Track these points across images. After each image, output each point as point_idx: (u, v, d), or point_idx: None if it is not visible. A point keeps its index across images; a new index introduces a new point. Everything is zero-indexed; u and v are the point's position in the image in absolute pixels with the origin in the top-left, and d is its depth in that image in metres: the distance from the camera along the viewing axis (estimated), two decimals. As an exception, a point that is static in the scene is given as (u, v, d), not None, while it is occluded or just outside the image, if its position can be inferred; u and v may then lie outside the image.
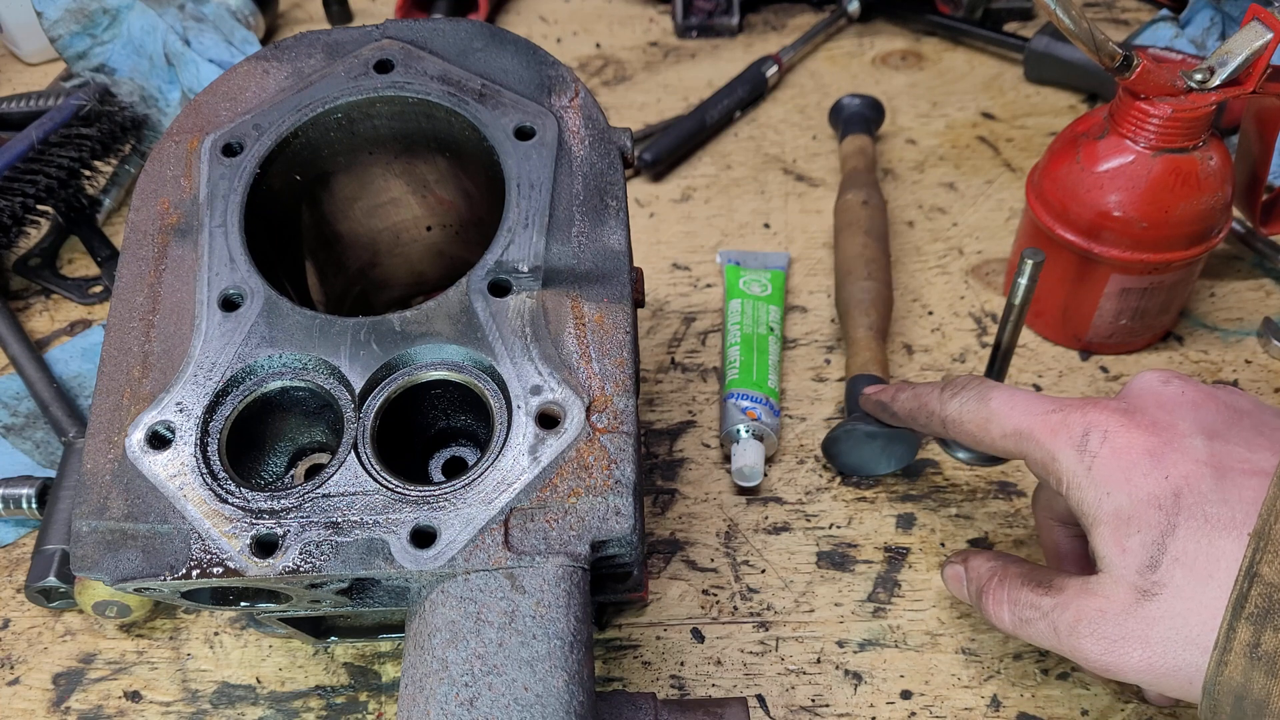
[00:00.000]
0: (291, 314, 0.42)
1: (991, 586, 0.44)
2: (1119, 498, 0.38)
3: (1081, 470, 0.39)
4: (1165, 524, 0.37)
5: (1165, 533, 0.37)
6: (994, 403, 0.44)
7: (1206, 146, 0.55)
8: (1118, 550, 0.38)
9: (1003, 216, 0.75)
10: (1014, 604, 0.42)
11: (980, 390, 0.45)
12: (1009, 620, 0.42)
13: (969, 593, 0.46)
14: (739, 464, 0.57)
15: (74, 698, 0.52)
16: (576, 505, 0.38)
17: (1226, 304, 0.67)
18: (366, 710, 0.51)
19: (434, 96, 0.48)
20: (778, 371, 0.63)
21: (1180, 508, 0.37)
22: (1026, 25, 0.92)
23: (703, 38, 0.95)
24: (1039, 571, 0.42)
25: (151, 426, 0.40)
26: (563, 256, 0.43)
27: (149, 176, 0.47)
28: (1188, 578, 0.36)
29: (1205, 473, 0.37)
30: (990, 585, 0.44)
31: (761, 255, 0.71)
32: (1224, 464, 0.37)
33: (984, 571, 0.45)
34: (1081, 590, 0.39)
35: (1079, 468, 0.39)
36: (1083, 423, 0.40)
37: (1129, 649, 0.37)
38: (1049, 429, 0.41)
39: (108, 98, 0.78)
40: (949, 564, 0.48)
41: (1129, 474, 0.38)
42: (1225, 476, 0.37)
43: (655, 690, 0.50)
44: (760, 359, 0.62)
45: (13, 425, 0.64)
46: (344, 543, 0.37)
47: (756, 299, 0.66)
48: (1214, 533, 0.36)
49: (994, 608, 0.43)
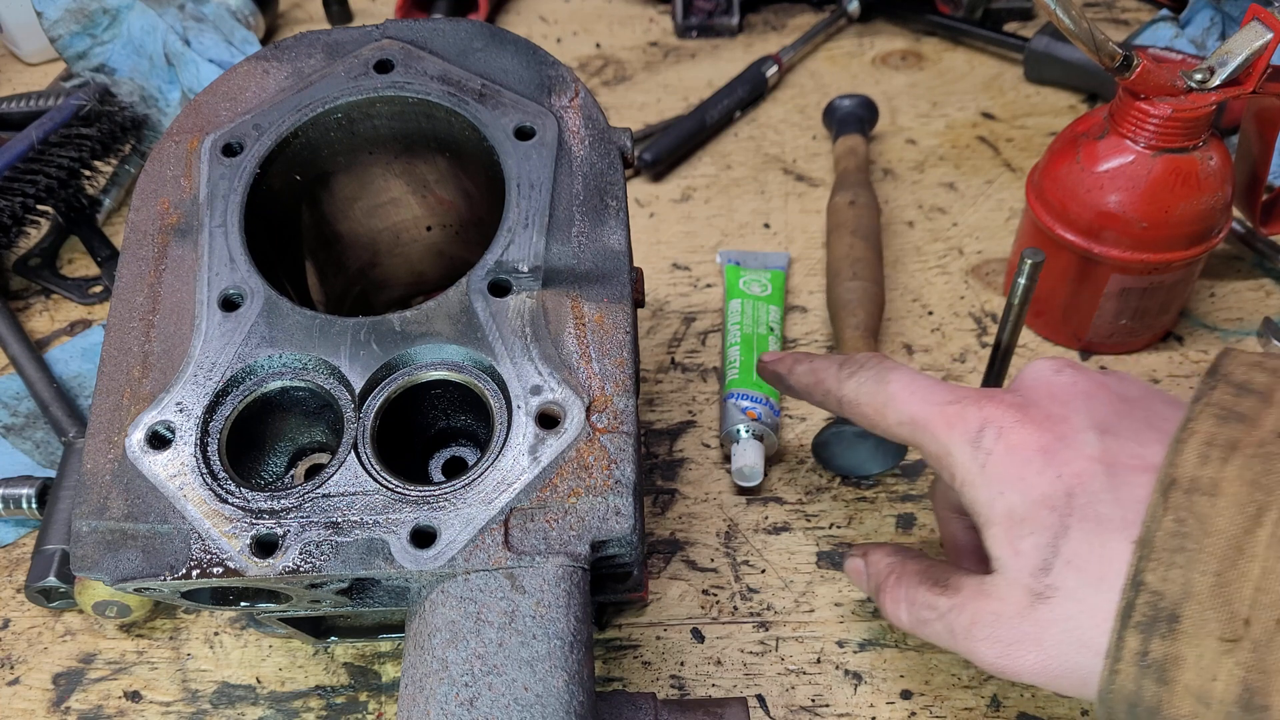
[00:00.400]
0: (291, 314, 0.42)
1: (889, 584, 0.43)
2: (1012, 498, 0.37)
3: (975, 468, 0.39)
4: (1058, 525, 0.36)
5: (1058, 535, 0.36)
6: (892, 386, 0.43)
7: (1206, 146, 0.55)
8: (1011, 552, 0.37)
9: (1003, 216, 0.75)
10: (911, 603, 0.41)
11: (879, 371, 0.44)
12: (906, 619, 0.42)
13: (869, 588, 0.46)
14: (739, 464, 0.56)
15: (74, 698, 0.52)
16: (576, 505, 0.38)
17: (1226, 304, 0.67)
18: (366, 710, 0.51)
19: (434, 96, 0.48)
20: None
21: (1073, 508, 0.36)
22: (1026, 25, 0.92)
23: (703, 38, 0.95)
24: (936, 569, 0.42)
25: (151, 426, 0.40)
26: (563, 256, 0.43)
27: (149, 176, 0.47)
28: (1080, 581, 0.36)
29: (1097, 470, 0.37)
30: (888, 583, 0.43)
31: (761, 255, 0.71)
32: (1116, 461, 0.37)
33: (883, 568, 0.44)
34: (977, 592, 0.38)
35: (973, 465, 0.39)
36: (979, 417, 0.39)
37: (1023, 652, 0.37)
38: (945, 421, 0.40)
39: (108, 98, 0.78)
40: (850, 557, 0.48)
41: (1022, 473, 0.38)
42: (1117, 474, 0.36)
43: (655, 690, 0.50)
44: None
45: (13, 425, 0.64)
46: (344, 543, 0.38)
47: (757, 299, 0.66)
48: (1105, 534, 0.35)
49: (891, 606, 0.43)
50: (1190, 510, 0.34)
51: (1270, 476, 0.33)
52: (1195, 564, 0.33)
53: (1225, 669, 0.32)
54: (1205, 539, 0.33)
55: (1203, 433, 0.35)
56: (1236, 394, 0.36)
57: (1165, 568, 0.33)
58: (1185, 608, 0.33)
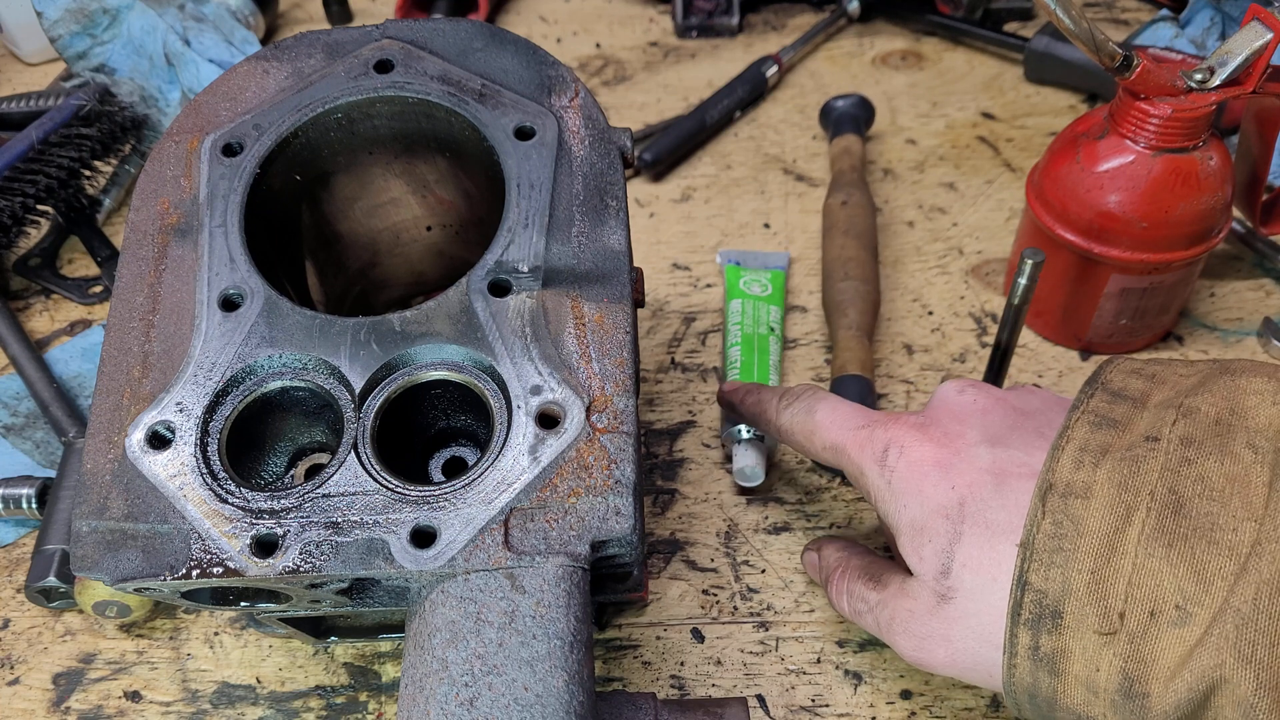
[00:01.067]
0: (291, 314, 0.42)
1: (835, 576, 0.47)
2: (913, 509, 0.41)
3: (883, 484, 0.42)
4: (952, 532, 0.39)
5: (953, 540, 0.39)
6: (818, 415, 0.46)
7: (1206, 146, 0.55)
8: (916, 558, 0.40)
9: (1003, 216, 0.74)
10: (850, 595, 0.45)
11: (809, 402, 0.47)
12: (847, 610, 0.46)
13: (820, 579, 0.50)
14: (740, 465, 0.56)
15: (74, 698, 0.52)
16: (576, 505, 0.38)
17: (1226, 304, 0.67)
18: (366, 710, 0.51)
19: (434, 96, 0.48)
20: (779, 371, 0.63)
21: (964, 516, 0.39)
22: (1026, 25, 0.92)
23: (703, 38, 0.95)
24: (875, 565, 0.45)
25: (151, 426, 0.40)
26: (563, 256, 0.43)
27: (149, 176, 0.47)
28: (976, 581, 0.38)
29: (987, 480, 0.39)
30: (835, 575, 0.47)
31: (761, 255, 0.71)
32: (1004, 470, 0.39)
33: (832, 560, 0.48)
34: (899, 590, 0.42)
35: (881, 482, 0.42)
36: (884, 438, 0.43)
37: (934, 647, 0.40)
38: (858, 444, 0.44)
39: (108, 98, 0.78)
40: (808, 549, 0.52)
41: (921, 486, 0.41)
42: (1004, 482, 0.39)
43: (655, 690, 0.50)
44: (761, 359, 0.62)
45: (13, 425, 0.64)
46: (344, 543, 0.37)
47: (757, 299, 0.66)
48: (995, 539, 0.38)
49: (836, 597, 0.47)
50: (1066, 513, 0.36)
51: (1137, 478, 0.36)
52: (1072, 563, 0.35)
53: (1106, 660, 0.35)
54: (1080, 539, 0.36)
55: (1078, 439, 0.38)
56: (1111, 401, 0.39)
57: (1046, 567, 0.36)
58: (1066, 604, 0.35)
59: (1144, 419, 0.38)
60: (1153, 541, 0.34)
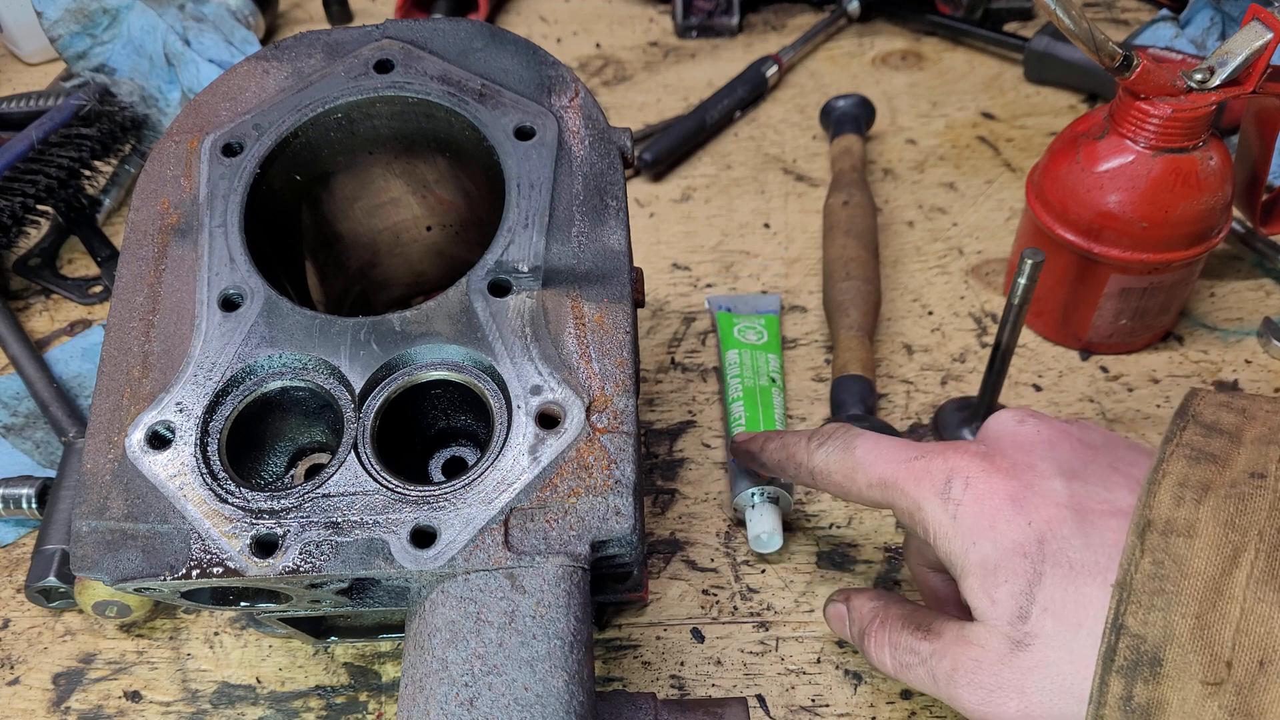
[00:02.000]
0: (291, 314, 0.42)
1: (873, 629, 0.44)
2: (985, 546, 0.38)
3: (947, 519, 0.39)
4: (1031, 573, 0.36)
5: (1032, 582, 0.36)
6: (859, 451, 0.43)
7: (1206, 146, 0.55)
8: (987, 601, 0.37)
9: (1003, 216, 0.74)
10: (895, 648, 0.42)
11: (845, 439, 0.44)
12: (890, 664, 0.42)
13: (851, 634, 0.46)
14: (756, 531, 0.53)
15: (74, 698, 0.52)
16: (576, 505, 0.38)
17: (1226, 304, 0.67)
18: (366, 710, 0.51)
19: (434, 96, 0.48)
20: (784, 425, 0.60)
21: (1045, 555, 0.37)
22: (1026, 25, 0.92)
23: (703, 38, 0.95)
24: (920, 614, 0.42)
25: (151, 426, 0.40)
26: (563, 256, 0.43)
27: (149, 176, 0.47)
28: (1058, 627, 0.36)
29: (1066, 516, 0.37)
30: (872, 627, 0.44)
31: (752, 299, 0.69)
32: (1084, 506, 0.37)
33: (866, 612, 0.45)
34: (958, 638, 0.39)
35: (944, 516, 0.39)
36: (945, 469, 0.40)
37: (1005, 699, 0.37)
38: (912, 477, 0.41)
39: (108, 98, 0.78)
40: (831, 602, 0.48)
41: (993, 521, 0.38)
42: (1086, 519, 0.37)
43: (655, 690, 0.50)
44: (766, 413, 0.59)
45: (13, 425, 0.64)
46: (344, 543, 0.37)
47: (754, 348, 0.63)
48: (1079, 580, 0.36)
49: (875, 651, 0.43)
50: (1167, 552, 0.34)
51: (1244, 517, 0.34)
52: (1175, 606, 0.33)
53: (1209, 712, 0.32)
54: (1184, 581, 0.33)
55: (1175, 474, 0.36)
56: (1206, 434, 0.37)
57: (1145, 610, 0.34)
58: (1167, 651, 0.33)
59: (1243, 454, 0.36)
60: (1263, 585, 0.32)
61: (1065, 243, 0.59)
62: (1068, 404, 0.62)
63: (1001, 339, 0.53)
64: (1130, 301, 0.60)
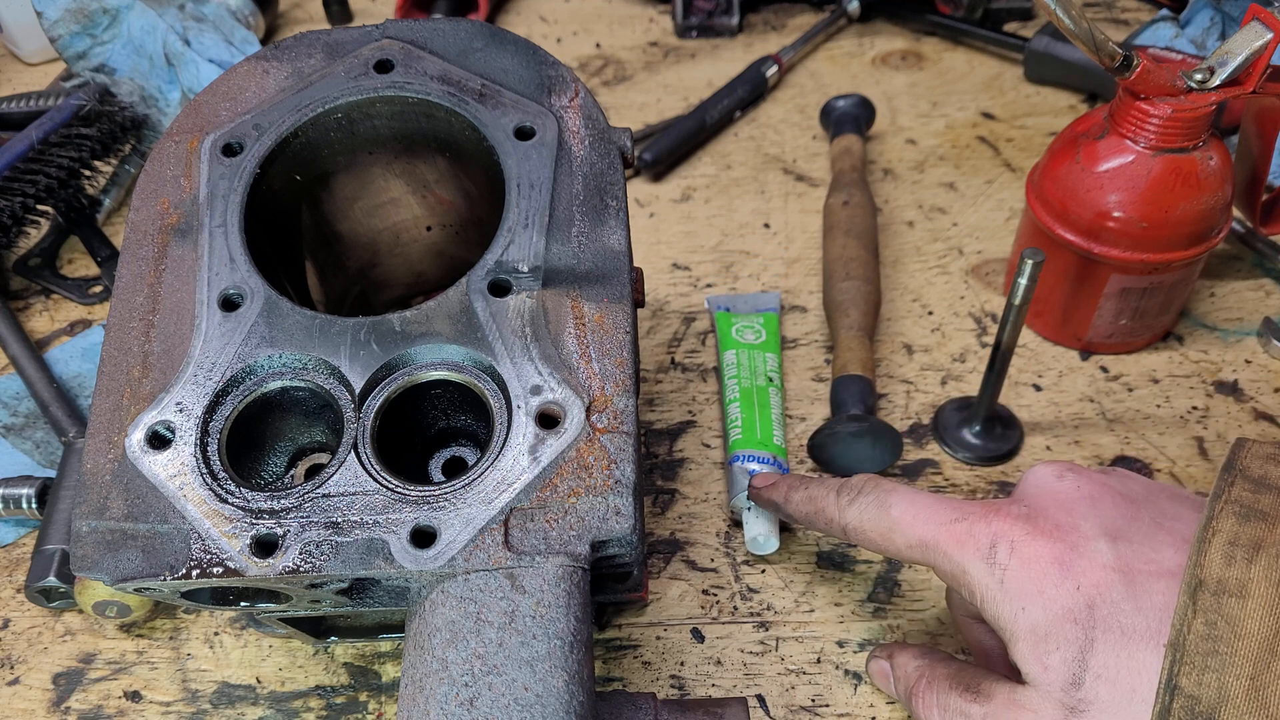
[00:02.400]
0: (291, 314, 0.42)
1: (920, 689, 0.43)
2: (1034, 613, 0.38)
3: (994, 584, 0.39)
4: (1083, 639, 0.36)
5: (1084, 649, 0.36)
6: (895, 510, 0.43)
7: (1206, 146, 0.55)
8: (1040, 668, 0.37)
9: (1003, 216, 0.75)
10: (943, 710, 0.41)
11: (879, 497, 0.44)
12: None
13: (897, 691, 0.46)
14: (753, 533, 0.53)
15: (74, 698, 0.52)
16: (576, 505, 0.38)
17: (1226, 304, 0.67)
18: (366, 710, 0.51)
19: (434, 96, 0.48)
20: (782, 425, 0.59)
21: (1095, 620, 0.36)
22: (1026, 25, 0.92)
23: (703, 38, 0.95)
24: (967, 673, 0.42)
25: (151, 426, 0.40)
26: (563, 256, 0.43)
27: (149, 176, 0.47)
28: (1112, 694, 0.36)
29: (1115, 580, 0.37)
30: (919, 688, 0.43)
31: (751, 298, 0.69)
32: (1131, 568, 0.37)
33: (911, 671, 0.45)
34: (1010, 702, 0.38)
35: (990, 581, 0.39)
36: (988, 533, 0.40)
37: None
38: (955, 540, 0.40)
39: (108, 98, 0.78)
40: (874, 659, 0.48)
41: (1041, 586, 0.38)
42: (1135, 582, 0.37)
43: (655, 690, 0.50)
44: (763, 414, 0.59)
45: (13, 425, 0.64)
46: (344, 543, 0.37)
47: (752, 347, 0.63)
48: (1132, 645, 0.36)
49: (924, 711, 0.43)
50: (1220, 613, 0.34)
51: None
52: (1229, 667, 0.33)
53: None
54: (1237, 642, 0.33)
55: (1225, 532, 0.36)
56: (1255, 490, 0.37)
57: (1199, 671, 0.34)
58: (1222, 712, 0.33)
59: None
60: None
61: (1065, 243, 0.59)
62: (1068, 404, 0.62)
63: (1001, 339, 0.53)
64: (1130, 301, 0.60)
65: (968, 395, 0.62)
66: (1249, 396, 0.62)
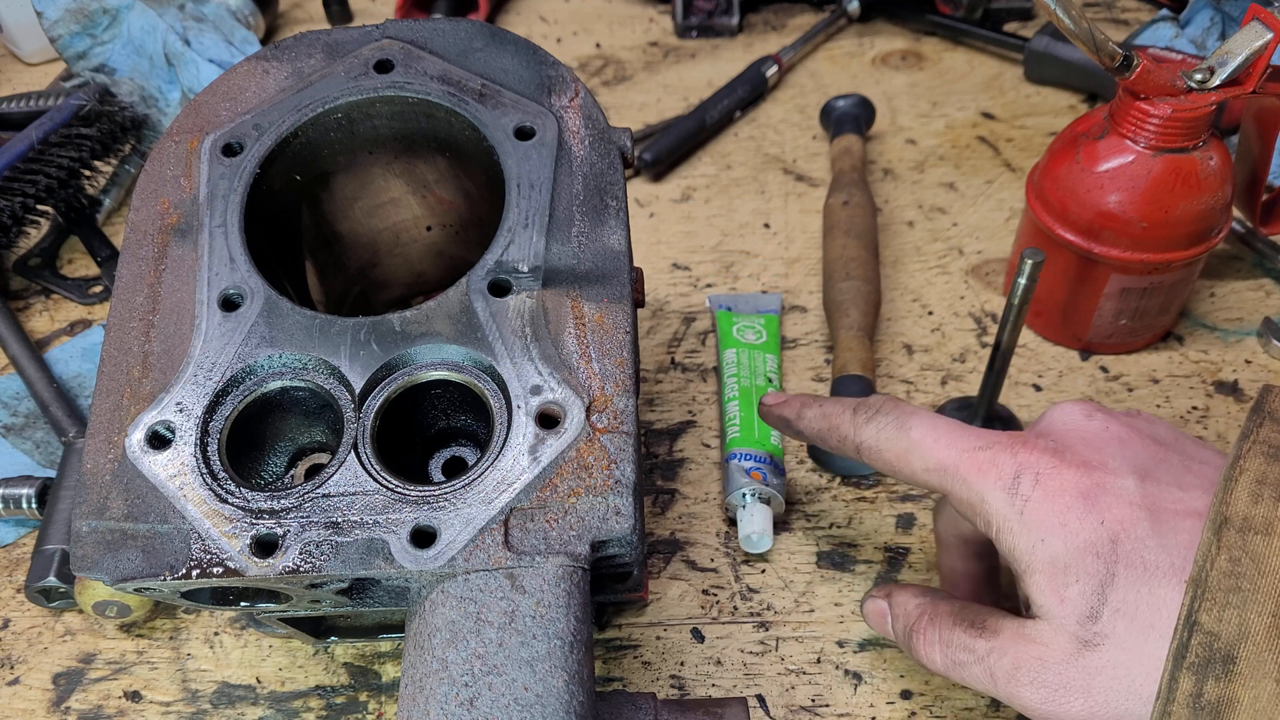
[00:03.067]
0: (291, 314, 0.42)
1: (921, 626, 0.42)
2: (1055, 544, 0.37)
3: (1014, 514, 0.38)
4: (1104, 573, 0.36)
5: (1105, 582, 0.36)
6: (915, 432, 0.42)
7: (1206, 146, 0.55)
8: (1056, 600, 0.37)
9: (1003, 216, 0.75)
10: (946, 645, 0.41)
11: (898, 417, 0.43)
12: (941, 662, 0.41)
13: (895, 630, 0.45)
14: (746, 531, 0.54)
15: (74, 698, 0.52)
16: (576, 505, 0.38)
17: (1226, 304, 0.67)
18: (366, 710, 0.51)
19: (434, 96, 0.48)
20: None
21: (1118, 555, 0.36)
22: (1026, 25, 0.92)
23: (703, 38, 0.95)
24: (970, 610, 0.41)
25: (151, 426, 0.40)
26: (563, 256, 0.43)
27: (149, 176, 0.47)
28: (1129, 629, 0.35)
29: (1141, 516, 0.36)
30: (920, 624, 0.42)
31: (753, 299, 0.69)
32: (1158, 506, 0.37)
33: (912, 609, 0.44)
34: (1018, 636, 0.38)
35: (1010, 512, 0.38)
36: (1013, 463, 0.39)
37: (1070, 698, 0.36)
38: (976, 467, 0.40)
39: (108, 98, 0.78)
40: (870, 598, 0.46)
41: (1064, 519, 0.37)
42: (1160, 520, 0.36)
43: (655, 690, 0.50)
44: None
45: (13, 425, 0.64)
46: (344, 543, 0.38)
47: (752, 347, 0.63)
48: (1153, 581, 0.35)
49: (925, 648, 0.42)
50: (1244, 549, 0.34)
51: None
52: (1251, 604, 0.33)
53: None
54: (1261, 579, 0.33)
55: (1253, 471, 0.35)
56: None
57: (1220, 608, 0.33)
58: (1241, 649, 0.33)
59: None
60: None
61: (1065, 243, 0.59)
62: (1068, 404, 0.62)
63: (1001, 339, 0.53)
64: (1130, 301, 0.60)
65: (968, 395, 0.62)
66: (1249, 396, 0.62)
